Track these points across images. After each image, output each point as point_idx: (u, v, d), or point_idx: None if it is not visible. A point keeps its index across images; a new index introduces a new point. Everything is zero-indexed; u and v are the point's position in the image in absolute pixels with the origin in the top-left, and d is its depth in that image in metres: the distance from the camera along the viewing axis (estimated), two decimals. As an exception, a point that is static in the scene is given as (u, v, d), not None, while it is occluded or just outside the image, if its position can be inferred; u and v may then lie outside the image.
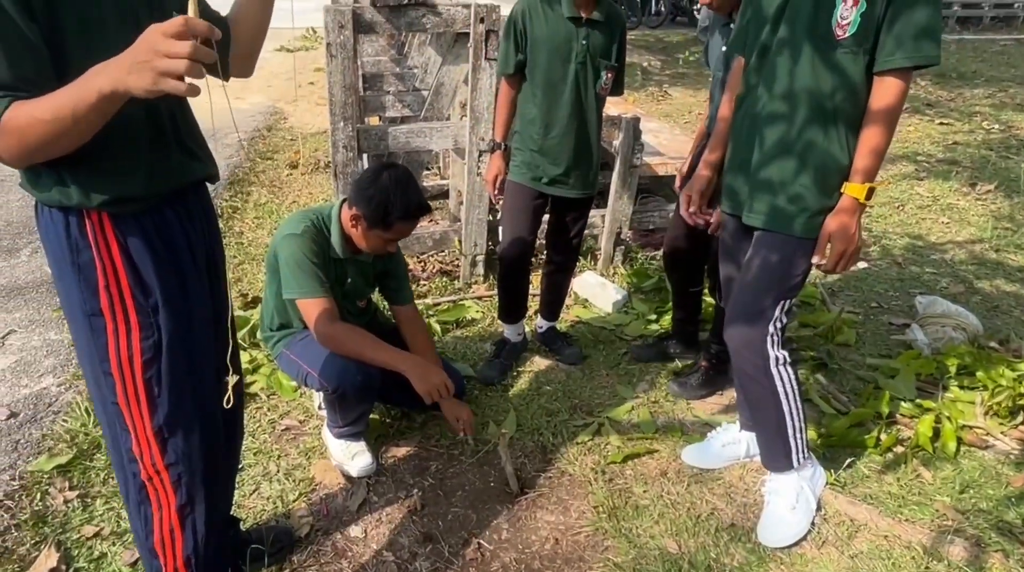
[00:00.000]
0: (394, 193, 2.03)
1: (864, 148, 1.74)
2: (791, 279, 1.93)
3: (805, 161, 1.81)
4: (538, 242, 2.90)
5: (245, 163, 5.63)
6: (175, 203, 1.37)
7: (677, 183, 2.70)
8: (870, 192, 1.75)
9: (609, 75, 2.48)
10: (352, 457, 2.29)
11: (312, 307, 2.06)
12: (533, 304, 3.17)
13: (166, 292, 1.35)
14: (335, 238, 2.16)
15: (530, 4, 2.43)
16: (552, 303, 2.98)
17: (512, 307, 2.87)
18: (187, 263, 1.39)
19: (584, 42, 2.39)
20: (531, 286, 2.98)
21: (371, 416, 2.43)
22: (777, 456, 2.11)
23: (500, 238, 2.75)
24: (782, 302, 1.95)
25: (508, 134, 2.62)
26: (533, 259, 2.82)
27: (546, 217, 2.77)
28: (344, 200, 2.17)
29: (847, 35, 1.69)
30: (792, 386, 2.03)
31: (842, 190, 1.78)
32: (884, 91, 1.70)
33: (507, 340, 2.93)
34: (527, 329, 3.05)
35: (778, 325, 1.97)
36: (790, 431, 2.06)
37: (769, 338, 1.97)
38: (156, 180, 1.30)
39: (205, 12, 1.45)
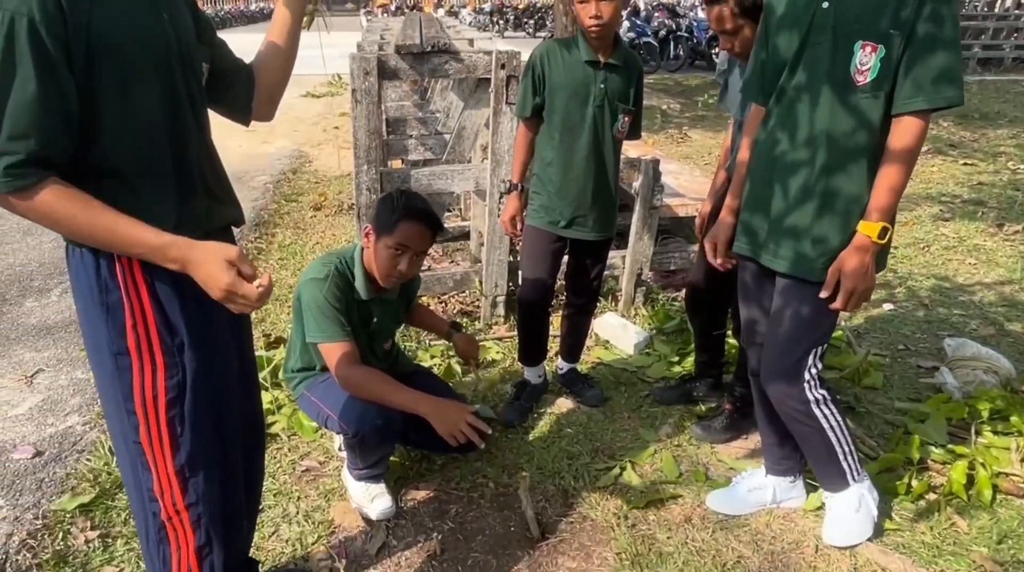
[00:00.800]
0: (398, 199, 2.12)
1: (880, 187, 1.73)
2: (822, 326, 1.93)
3: (827, 205, 1.81)
4: (558, 283, 2.90)
5: (270, 205, 5.74)
6: None
7: (697, 225, 2.71)
8: (883, 231, 1.73)
9: (626, 118, 2.51)
10: (372, 500, 2.27)
11: (334, 351, 2.08)
12: (553, 345, 3.16)
13: (192, 332, 1.37)
14: (359, 281, 2.19)
15: (549, 48, 2.48)
16: (572, 345, 2.97)
17: (532, 349, 2.86)
18: (213, 305, 1.42)
19: (602, 85, 2.43)
20: (551, 328, 2.98)
21: (391, 458, 2.42)
22: (833, 479, 2.15)
23: (519, 280, 2.76)
24: (815, 350, 1.95)
25: (525, 176, 2.65)
26: (553, 301, 2.82)
27: (565, 258, 2.78)
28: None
29: (867, 80, 1.70)
30: (836, 419, 2.05)
31: (856, 228, 1.77)
32: (902, 132, 1.69)
33: (527, 382, 2.91)
34: (547, 370, 3.04)
35: (813, 371, 1.99)
36: (841, 456, 2.10)
37: (806, 385, 1.98)
38: (184, 225, 1.33)
39: (228, 58, 1.51)
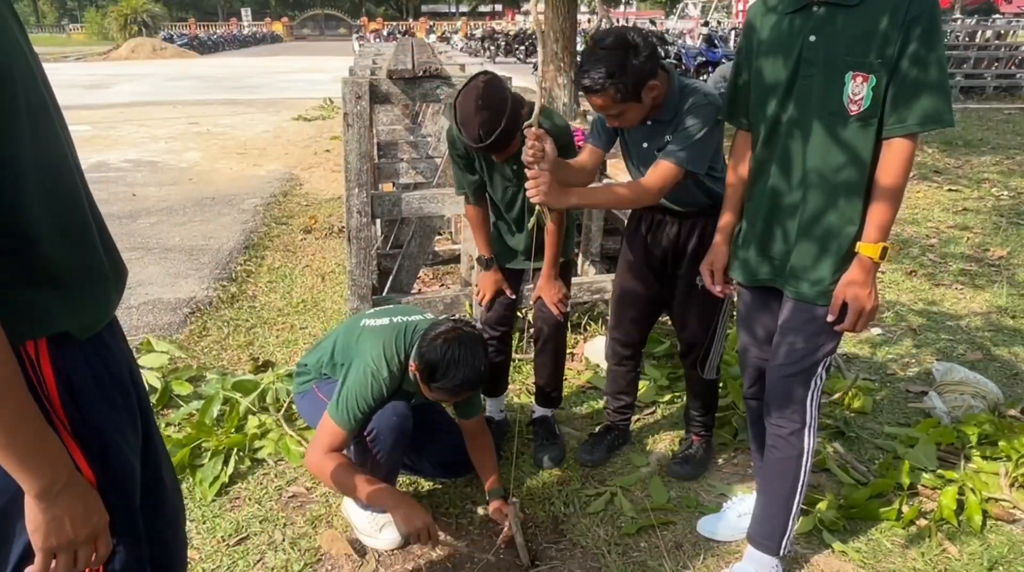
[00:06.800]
0: (449, 365, 2.04)
1: (876, 209, 1.73)
2: (832, 338, 1.89)
3: (831, 233, 1.80)
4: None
5: (260, 228, 5.73)
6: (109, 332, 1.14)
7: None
8: (884, 251, 1.74)
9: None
10: (380, 529, 2.24)
11: (331, 436, 2.09)
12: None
13: (110, 428, 1.10)
14: (412, 385, 2.20)
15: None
16: (543, 387, 2.79)
17: (491, 377, 2.71)
18: (115, 389, 1.13)
19: (515, 166, 2.35)
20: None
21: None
22: (772, 533, 2.06)
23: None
24: (824, 361, 1.91)
25: (492, 248, 2.65)
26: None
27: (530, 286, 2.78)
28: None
29: (861, 110, 1.70)
30: (811, 457, 2.00)
31: (856, 250, 1.77)
32: (893, 154, 1.70)
33: (491, 419, 2.80)
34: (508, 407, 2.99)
35: (818, 382, 1.94)
36: (794, 510, 2.02)
37: (809, 397, 1.93)
38: (110, 309, 1.13)
39: None
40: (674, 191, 2.24)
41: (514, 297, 2.72)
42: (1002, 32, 16.14)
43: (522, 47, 25.25)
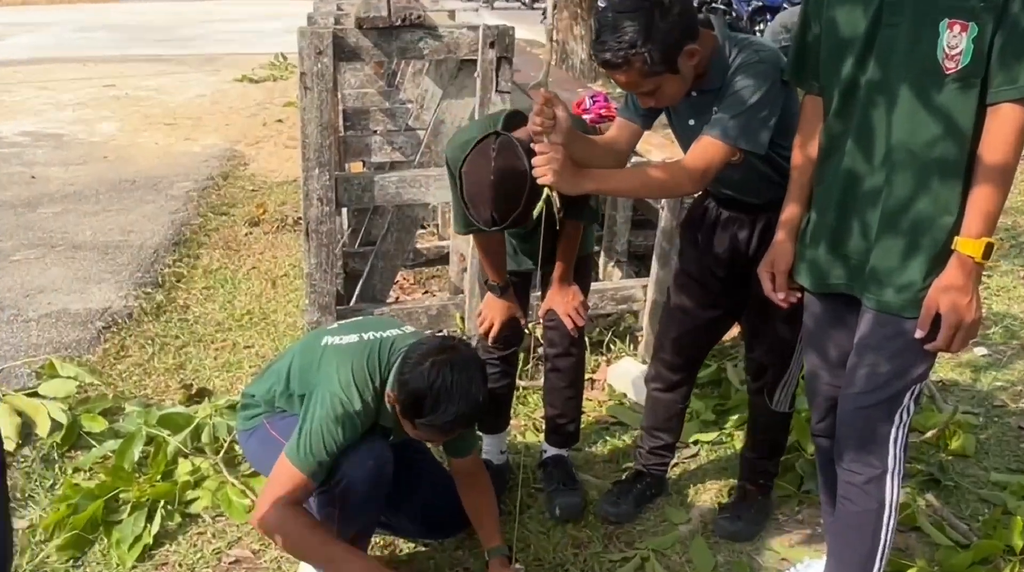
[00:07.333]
0: (437, 398, 2.02)
1: (979, 195, 1.73)
2: (922, 361, 1.89)
3: (922, 226, 1.80)
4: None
5: (194, 219, 5.76)
6: None
7: None
8: (988, 249, 1.74)
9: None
10: None
11: (287, 481, 2.08)
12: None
13: None
14: (388, 420, 2.22)
15: None
16: (555, 419, 2.81)
17: (490, 410, 2.68)
18: None
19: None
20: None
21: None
22: None
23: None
24: (912, 389, 1.91)
25: (504, 274, 2.65)
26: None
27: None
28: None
29: (959, 67, 1.69)
30: (896, 511, 2.00)
31: (953, 246, 1.76)
32: (1001, 124, 1.69)
33: (489, 463, 2.77)
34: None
35: (905, 416, 1.93)
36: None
37: (893, 435, 1.93)
38: None
39: None
40: (743, 178, 2.23)
41: (523, 317, 2.73)
42: None
43: (528, -11, 25.33)
